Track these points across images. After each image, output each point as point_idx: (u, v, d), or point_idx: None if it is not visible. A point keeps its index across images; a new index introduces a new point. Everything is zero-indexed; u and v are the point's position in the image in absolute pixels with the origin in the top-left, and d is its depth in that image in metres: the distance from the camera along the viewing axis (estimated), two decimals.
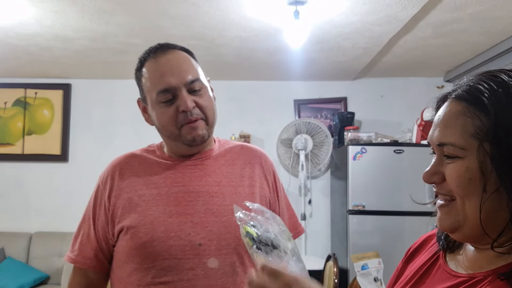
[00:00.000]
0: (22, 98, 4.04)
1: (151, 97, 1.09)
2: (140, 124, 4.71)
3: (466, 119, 0.63)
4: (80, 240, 1.14)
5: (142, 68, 1.13)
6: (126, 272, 1.06)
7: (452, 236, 0.69)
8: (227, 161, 1.17)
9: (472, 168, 0.62)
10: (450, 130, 0.65)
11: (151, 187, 1.09)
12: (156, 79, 1.07)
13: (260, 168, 1.20)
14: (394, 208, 3.21)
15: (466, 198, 0.63)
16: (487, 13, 2.50)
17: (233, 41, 2.93)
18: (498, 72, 0.65)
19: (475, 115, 0.62)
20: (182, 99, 1.05)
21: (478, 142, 0.62)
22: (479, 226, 0.62)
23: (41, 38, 2.94)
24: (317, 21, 2.60)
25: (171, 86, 1.05)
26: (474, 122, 0.62)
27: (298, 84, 4.10)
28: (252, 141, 4.00)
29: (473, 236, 0.65)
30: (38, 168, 4.04)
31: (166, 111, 1.07)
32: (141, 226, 1.04)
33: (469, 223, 0.64)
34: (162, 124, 1.09)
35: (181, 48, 1.13)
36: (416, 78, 4.02)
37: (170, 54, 1.09)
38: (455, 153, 0.64)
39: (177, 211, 1.06)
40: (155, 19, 2.58)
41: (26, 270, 3.57)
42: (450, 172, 0.65)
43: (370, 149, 3.31)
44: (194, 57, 1.14)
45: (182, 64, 1.08)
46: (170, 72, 1.06)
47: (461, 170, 0.63)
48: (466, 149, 0.63)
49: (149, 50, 1.13)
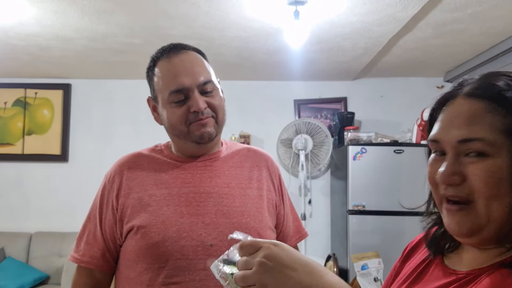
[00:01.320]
0: (22, 98, 4.04)
1: (163, 97, 1.09)
2: (140, 124, 4.72)
3: (493, 116, 0.60)
4: (85, 239, 1.13)
5: (155, 68, 1.12)
6: (135, 272, 1.06)
7: (465, 240, 0.65)
8: (235, 163, 1.18)
9: (504, 167, 0.59)
10: (477, 126, 0.61)
11: (161, 187, 1.09)
12: (169, 79, 1.07)
13: (267, 171, 1.22)
14: (394, 208, 3.21)
15: (494, 199, 0.60)
16: (487, 13, 2.50)
17: (233, 41, 2.93)
18: (504, 72, 0.64)
19: (501, 112, 0.60)
20: (194, 100, 1.06)
21: (510, 140, 0.59)
22: (500, 229, 0.60)
23: (41, 38, 2.94)
24: (317, 21, 2.60)
25: (184, 86, 1.06)
26: (503, 119, 0.60)
27: (298, 84, 4.10)
28: (252, 141, 4.00)
29: (490, 240, 0.62)
30: (38, 168, 4.04)
31: (177, 111, 1.07)
32: (152, 226, 1.04)
33: (494, 225, 0.61)
34: (172, 123, 1.09)
35: (194, 49, 1.13)
36: (416, 78, 4.03)
37: (183, 55, 1.09)
38: (483, 149, 0.60)
39: (188, 212, 1.06)
40: (155, 19, 2.58)
41: (26, 270, 3.57)
42: (479, 171, 0.60)
43: (370, 149, 3.31)
44: (206, 58, 1.15)
45: (195, 65, 1.09)
46: (184, 72, 1.06)
47: (492, 169, 0.59)
48: (497, 146, 0.59)
49: (162, 50, 1.12)
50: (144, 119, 4.08)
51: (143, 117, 4.08)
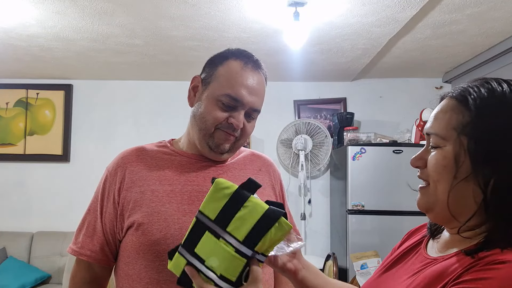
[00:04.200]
0: (24, 98, 4.07)
1: (216, 91, 1.08)
2: (141, 124, 4.72)
3: (453, 114, 0.72)
4: (84, 232, 1.12)
5: (228, 61, 1.10)
6: (135, 269, 1.05)
7: (427, 215, 0.78)
8: (239, 165, 1.19)
9: (448, 156, 0.71)
10: (438, 122, 0.74)
11: (165, 183, 1.09)
12: (234, 84, 1.07)
13: (269, 177, 1.23)
14: (393, 208, 3.23)
15: (439, 182, 0.72)
16: (485, 14, 2.51)
17: (233, 42, 2.94)
18: (491, 79, 0.73)
19: (459, 111, 0.71)
20: (238, 117, 1.07)
21: (457, 134, 0.70)
22: (447, 209, 0.71)
23: (43, 39, 2.96)
24: (317, 22, 2.61)
25: (242, 102, 1.06)
26: (458, 117, 0.71)
27: (298, 84, 4.12)
28: (252, 141, 4.02)
29: (443, 217, 0.74)
30: (40, 168, 4.06)
31: (218, 111, 1.07)
32: (154, 222, 1.03)
33: (439, 205, 0.73)
34: (206, 117, 1.08)
35: (264, 74, 1.15)
36: (415, 79, 4.04)
37: (258, 76, 1.11)
38: (437, 143, 0.73)
39: (191, 210, 1.06)
40: (156, 20, 2.60)
41: (27, 270, 3.59)
42: (431, 158, 0.74)
43: (369, 149, 3.33)
44: (266, 85, 1.16)
45: (260, 92, 1.11)
46: (251, 91, 1.07)
47: (439, 158, 0.72)
48: (446, 140, 0.72)
49: (243, 53, 1.13)
50: (145, 119, 4.10)
51: (144, 118, 4.10)
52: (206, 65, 1.15)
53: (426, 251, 0.80)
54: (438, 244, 0.79)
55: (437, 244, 0.79)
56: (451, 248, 0.74)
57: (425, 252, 0.80)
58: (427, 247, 0.81)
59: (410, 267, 0.79)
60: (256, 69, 1.11)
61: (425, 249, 0.81)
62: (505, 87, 0.70)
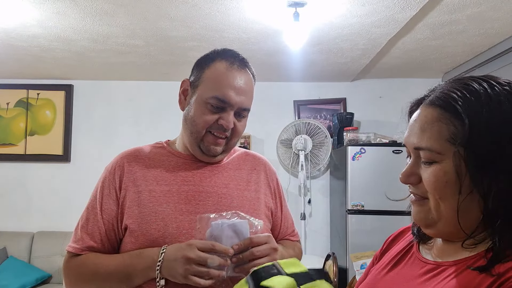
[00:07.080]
0: (25, 99, 4.07)
1: (204, 94, 1.09)
2: (141, 125, 4.73)
3: (442, 125, 0.67)
4: (85, 230, 1.12)
5: (214, 63, 1.11)
6: None
7: (425, 231, 0.74)
8: (234, 165, 1.20)
9: (449, 172, 0.66)
10: (427, 135, 0.68)
11: (162, 183, 1.10)
12: (221, 85, 1.07)
13: (265, 175, 1.24)
14: (393, 208, 3.23)
15: (442, 200, 0.67)
16: (485, 15, 2.52)
17: (233, 42, 2.95)
18: (469, 80, 0.69)
19: (450, 122, 0.66)
20: (227, 118, 1.08)
21: (454, 147, 0.65)
22: (456, 225, 0.66)
23: (43, 40, 2.97)
24: (317, 23, 2.62)
25: (230, 102, 1.07)
26: (450, 128, 0.66)
27: (298, 85, 4.13)
28: (252, 141, 4.03)
29: (447, 233, 0.70)
30: (40, 168, 4.07)
31: (207, 114, 1.08)
32: (152, 222, 1.05)
33: (445, 222, 0.68)
34: (196, 120, 1.09)
35: (251, 72, 1.16)
36: (414, 79, 4.05)
37: (244, 75, 1.12)
38: (432, 158, 0.68)
39: (188, 210, 1.07)
40: (156, 20, 2.60)
41: (28, 270, 3.59)
42: (428, 176, 0.68)
43: (369, 150, 3.34)
44: (254, 83, 1.17)
45: (247, 91, 1.12)
46: (238, 91, 1.08)
47: (439, 174, 0.67)
48: (442, 154, 0.67)
49: (228, 53, 1.13)
50: (145, 119, 4.11)
51: (144, 118, 4.11)
52: (194, 68, 1.16)
53: (422, 255, 0.77)
54: (434, 248, 0.75)
55: (433, 249, 0.76)
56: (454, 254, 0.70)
57: (420, 255, 0.76)
58: (420, 250, 0.78)
59: (408, 272, 0.76)
60: (242, 68, 1.12)
61: (419, 253, 0.77)
62: (486, 86, 0.66)
